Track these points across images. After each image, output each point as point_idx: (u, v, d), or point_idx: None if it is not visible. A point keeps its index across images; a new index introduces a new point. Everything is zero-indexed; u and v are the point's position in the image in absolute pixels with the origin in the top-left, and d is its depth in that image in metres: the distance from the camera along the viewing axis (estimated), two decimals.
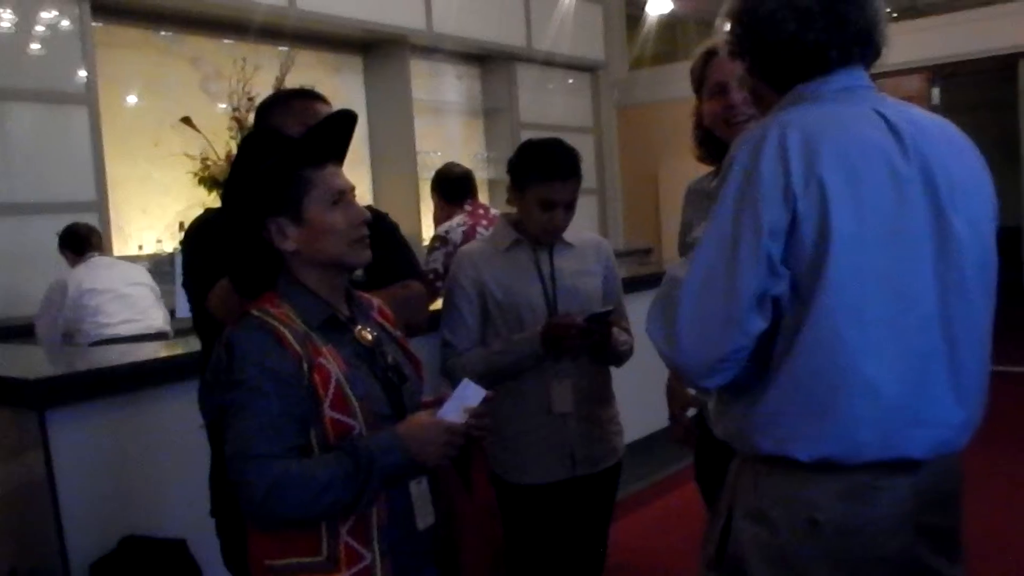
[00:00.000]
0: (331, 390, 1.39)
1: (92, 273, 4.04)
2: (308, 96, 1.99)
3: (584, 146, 8.18)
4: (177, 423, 2.28)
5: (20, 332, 3.97)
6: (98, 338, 3.86)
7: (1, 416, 2.37)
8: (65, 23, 4.52)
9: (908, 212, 1.26)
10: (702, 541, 1.54)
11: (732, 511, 1.40)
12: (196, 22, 5.40)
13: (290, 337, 1.41)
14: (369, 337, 1.52)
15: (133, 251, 5.12)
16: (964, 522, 1.42)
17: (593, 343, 2.14)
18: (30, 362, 2.87)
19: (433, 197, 3.60)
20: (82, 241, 4.11)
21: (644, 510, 3.78)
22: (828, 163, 1.23)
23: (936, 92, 7.27)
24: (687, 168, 2.24)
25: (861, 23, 1.34)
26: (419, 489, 1.51)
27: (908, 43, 7.12)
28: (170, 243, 5.13)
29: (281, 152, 1.43)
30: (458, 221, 3.40)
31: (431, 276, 3.17)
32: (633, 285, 4.40)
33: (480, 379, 2.16)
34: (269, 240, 1.46)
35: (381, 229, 1.72)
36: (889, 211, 1.25)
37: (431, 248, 3.37)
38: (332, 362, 1.42)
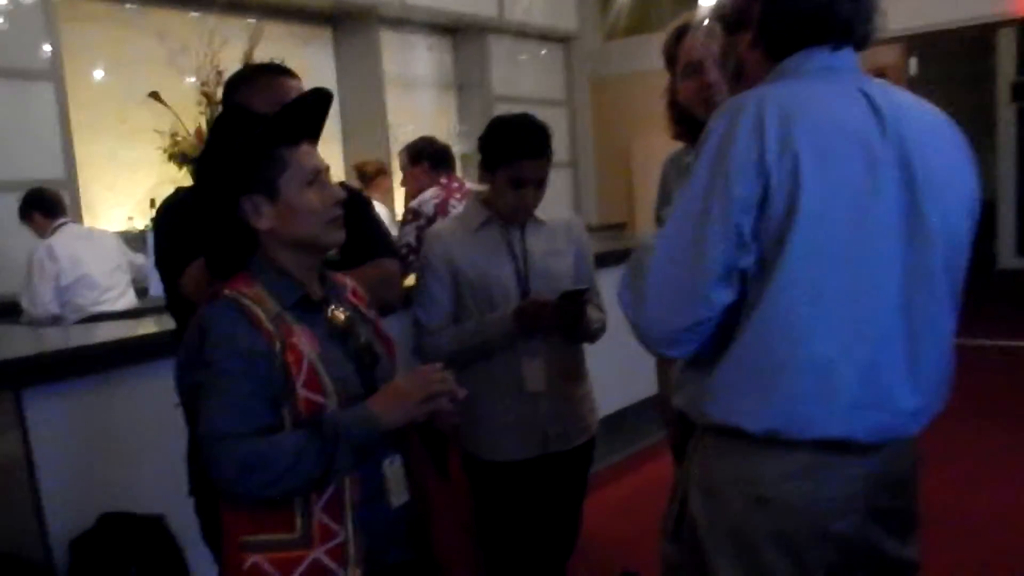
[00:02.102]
0: (304, 369, 1.41)
1: (77, 246, 3.99)
2: (274, 71, 1.96)
3: (557, 119, 8.19)
4: (153, 401, 2.28)
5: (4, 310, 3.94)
6: (94, 311, 3.83)
7: None
8: None
9: (880, 195, 1.26)
10: (664, 513, 1.56)
11: (688, 484, 1.43)
12: None
13: (263, 317, 1.41)
14: (342, 317, 1.53)
15: (102, 229, 5.05)
16: (925, 498, 1.44)
17: (566, 322, 2.14)
18: (5, 341, 2.86)
19: (412, 167, 3.59)
20: (53, 203, 4.03)
21: (617, 484, 3.82)
22: (803, 139, 1.23)
23: (913, 63, 7.28)
24: (661, 142, 2.23)
25: (871, 5, 1.35)
26: (392, 467, 1.53)
27: (885, 12, 7.10)
28: (141, 220, 5.08)
29: (255, 130, 1.43)
30: (431, 194, 3.41)
31: (404, 251, 3.18)
32: (605, 260, 4.44)
33: (452, 357, 2.18)
34: (244, 219, 1.46)
35: (354, 206, 1.72)
36: (860, 193, 1.25)
37: (404, 222, 3.37)
38: (305, 342, 1.43)
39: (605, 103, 8.52)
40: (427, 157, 3.57)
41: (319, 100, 1.52)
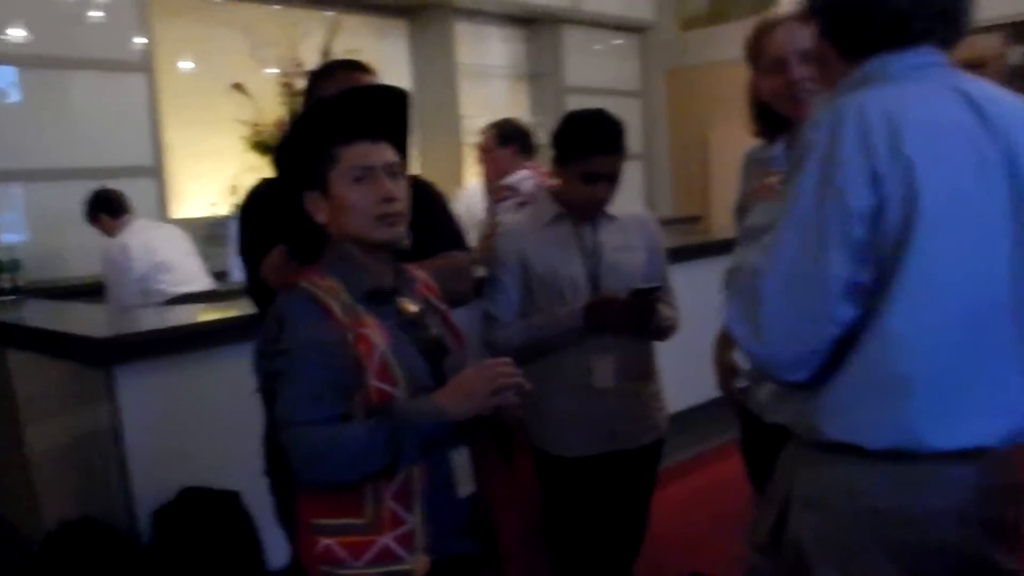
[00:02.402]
0: (375, 360, 1.45)
1: (146, 237, 4.14)
2: (349, 67, 2.03)
3: (631, 110, 8.12)
4: (234, 381, 2.37)
5: (86, 292, 4.13)
6: (177, 295, 3.96)
7: (71, 371, 2.52)
8: None
9: (990, 195, 1.22)
10: (750, 525, 1.53)
11: (789, 498, 1.39)
12: None
13: (336, 308, 1.46)
14: (413, 309, 1.57)
15: (188, 215, 5.25)
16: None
17: (636, 319, 2.13)
18: (98, 321, 3.02)
19: (500, 149, 3.56)
20: (118, 203, 4.16)
21: (685, 481, 3.80)
22: (913, 141, 1.19)
23: (1017, 52, 6.93)
24: (738, 133, 2.18)
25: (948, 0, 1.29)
26: (460, 458, 1.56)
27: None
28: (224, 207, 5.25)
29: (311, 128, 1.49)
30: (526, 174, 3.42)
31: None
32: (680, 255, 4.41)
33: (521, 351, 2.20)
34: (308, 213, 1.53)
35: (425, 199, 1.75)
36: (972, 194, 1.21)
37: (499, 198, 3.33)
38: (376, 333, 1.47)
39: (681, 94, 8.40)
40: (516, 141, 3.56)
41: (372, 97, 1.54)
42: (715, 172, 8.02)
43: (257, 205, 2.00)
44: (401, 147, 1.58)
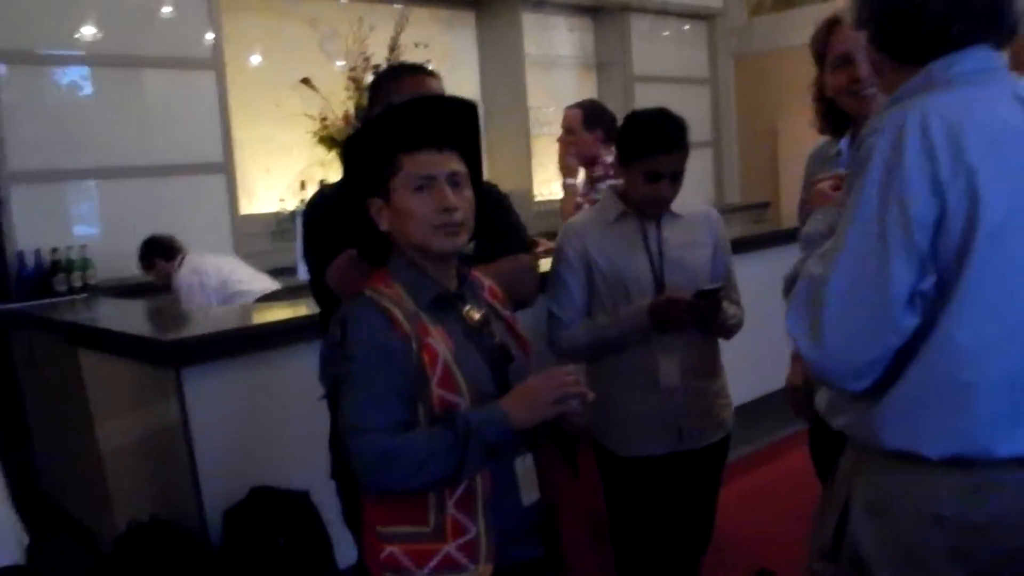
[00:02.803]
0: (439, 368, 1.45)
1: (207, 257, 4.22)
2: (417, 71, 2.06)
3: (699, 98, 8.00)
4: (301, 381, 2.38)
5: (156, 290, 4.23)
6: (255, 296, 4.01)
7: (142, 372, 2.56)
8: None
9: None
10: (812, 529, 1.52)
11: (849, 503, 1.38)
12: None
13: (400, 317, 1.46)
14: (476, 316, 1.56)
15: (257, 210, 5.31)
16: None
17: (700, 319, 2.12)
18: (167, 321, 3.06)
19: (588, 132, 3.47)
20: (169, 246, 4.21)
21: (752, 475, 3.74)
22: (976, 150, 1.19)
23: None
24: (806, 120, 2.18)
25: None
26: (524, 465, 1.55)
27: None
28: (292, 201, 5.30)
29: (378, 135, 1.50)
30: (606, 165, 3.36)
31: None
32: (746, 245, 4.32)
33: (586, 351, 2.23)
34: (373, 219, 1.53)
35: (489, 200, 1.73)
36: None
37: (598, 178, 3.26)
38: (440, 341, 1.47)
39: (749, 80, 8.24)
40: (602, 125, 3.48)
41: (438, 107, 1.55)
42: (783, 158, 7.87)
43: (320, 209, 2.02)
44: (470, 157, 1.57)
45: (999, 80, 1.29)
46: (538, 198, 6.71)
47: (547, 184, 6.99)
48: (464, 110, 1.57)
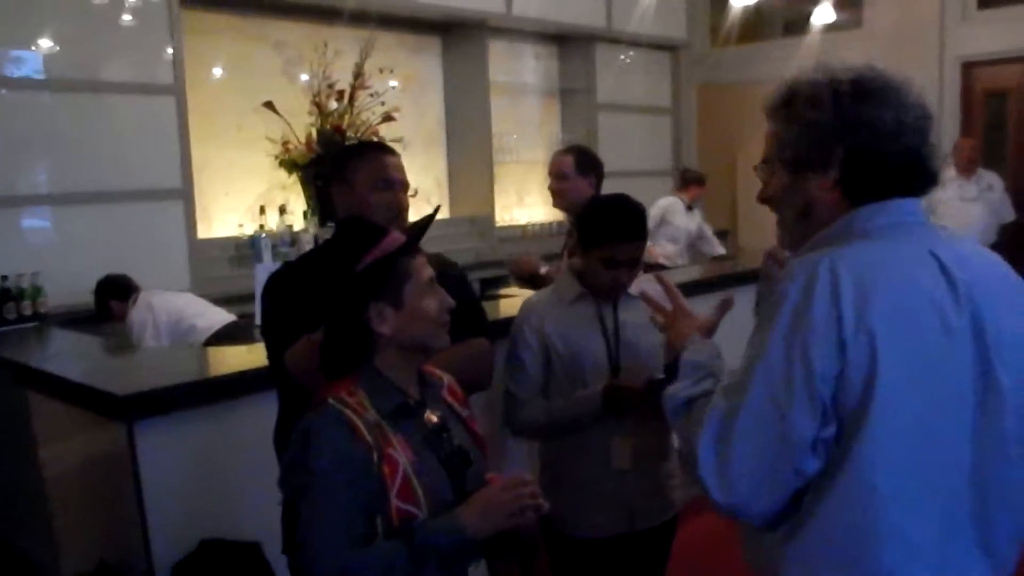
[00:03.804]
0: (398, 480, 1.46)
1: (159, 295, 4.17)
2: (377, 148, 2.12)
3: (662, 127, 8.10)
4: (254, 431, 2.38)
5: (108, 318, 4.15)
6: (209, 331, 4.01)
7: (93, 423, 2.52)
8: (154, 12, 4.62)
9: (954, 364, 1.25)
10: None
11: None
12: (280, 7, 5.48)
13: (362, 428, 1.48)
14: (435, 419, 1.59)
15: (215, 234, 5.26)
16: None
17: (653, 407, 2.14)
18: (117, 368, 3.01)
19: (581, 178, 3.42)
20: (124, 284, 4.17)
21: (706, 517, 3.76)
22: (878, 312, 1.22)
23: None
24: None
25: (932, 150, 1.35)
26: (478, 572, 1.58)
27: (1007, 31, 6.81)
28: (251, 225, 5.26)
29: (383, 246, 1.55)
30: None
31: None
32: (703, 287, 4.39)
33: (541, 432, 2.25)
34: (367, 324, 1.55)
35: (449, 280, 1.75)
36: (935, 363, 1.24)
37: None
38: (400, 452, 1.49)
39: (711, 110, 8.37)
40: (594, 172, 3.45)
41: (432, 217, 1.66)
42: (742, 187, 8.01)
43: (281, 289, 2.03)
44: None
45: (917, 235, 1.33)
46: (500, 223, 6.74)
47: (509, 210, 7.03)
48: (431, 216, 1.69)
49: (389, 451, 1.47)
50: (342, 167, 2.06)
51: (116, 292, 4.16)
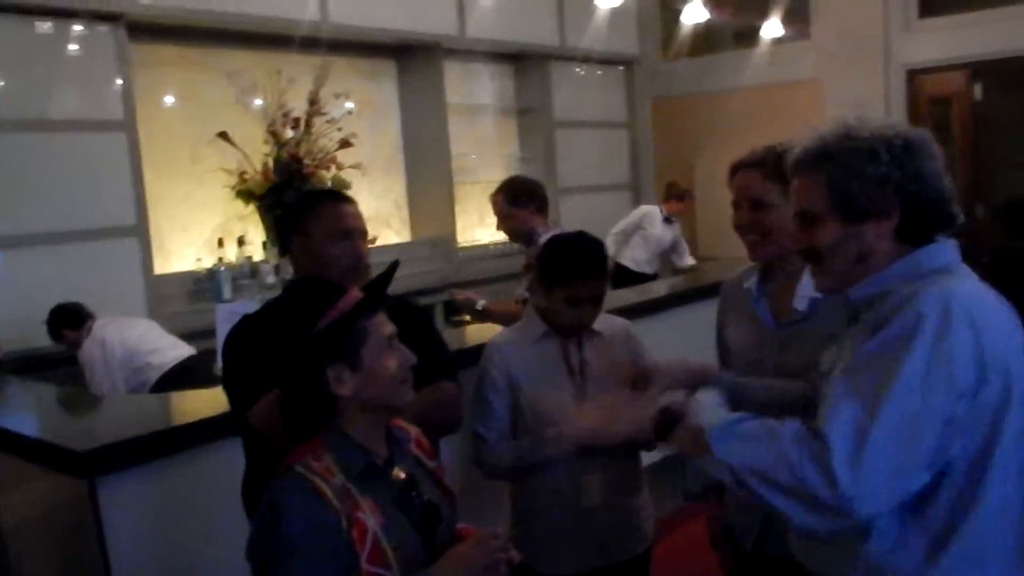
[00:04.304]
0: (368, 543, 1.45)
1: (114, 326, 4.11)
2: (332, 198, 2.10)
3: (619, 141, 8.14)
4: (221, 479, 2.33)
5: (61, 361, 4.08)
6: (164, 369, 3.95)
7: (54, 481, 2.46)
8: (100, 46, 4.54)
9: None
10: None
11: None
12: (231, 36, 5.42)
13: (330, 494, 1.46)
14: (403, 476, 1.58)
15: (173, 268, 5.18)
16: None
17: (620, 443, 2.15)
18: (82, 423, 2.93)
19: (516, 209, 3.50)
20: (77, 313, 4.11)
21: (678, 533, 3.78)
22: (999, 337, 1.38)
23: (978, 89, 7.13)
24: (721, 160, 2.23)
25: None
26: None
27: (949, 39, 6.98)
28: (209, 259, 5.19)
29: (336, 304, 1.52)
30: (545, 233, 3.37)
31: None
32: (670, 302, 4.42)
33: (510, 473, 2.25)
34: (326, 386, 1.52)
35: (413, 322, 1.73)
36: None
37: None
38: (370, 515, 1.47)
39: (667, 123, 8.46)
40: (532, 199, 3.50)
41: (391, 273, 1.64)
42: (700, 198, 8.08)
43: (242, 345, 1.99)
44: None
45: (966, 267, 1.50)
46: (462, 244, 6.72)
47: (469, 231, 7.01)
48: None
49: (358, 515, 1.45)
50: (298, 220, 2.04)
51: (68, 320, 4.09)
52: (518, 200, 3.46)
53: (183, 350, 4.20)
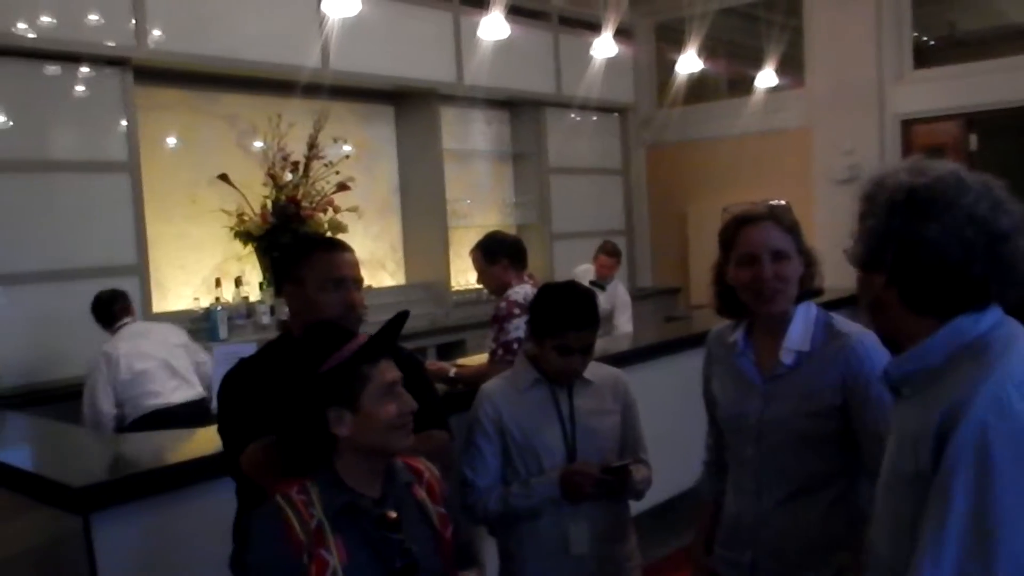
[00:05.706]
0: None
1: (134, 344, 4.13)
2: (327, 246, 2.12)
3: (613, 187, 8.26)
4: (211, 518, 2.36)
5: (62, 396, 4.10)
6: (150, 409, 3.98)
7: (47, 516, 2.49)
8: (107, 89, 4.66)
9: None
10: None
11: None
12: (233, 81, 5.54)
13: (297, 528, 1.53)
14: (392, 516, 1.61)
15: (171, 307, 5.23)
16: None
17: (609, 493, 2.20)
18: (75, 458, 2.96)
19: (491, 266, 3.58)
20: (106, 310, 4.18)
21: None
22: None
23: (973, 139, 7.24)
24: (714, 207, 2.26)
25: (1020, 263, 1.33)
26: None
27: (943, 89, 7.12)
28: (206, 299, 5.25)
29: (344, 352, 1.60)
30: (530, 289, 3.45)
31: (514, 345, 3.25)
32: (661, 350, 4.47)
33: (499, 520, 2.27)
34: (326, 426, 1.59)
35: (404, 369, 1.76)
36: None
37: (510, 315, 3.38)
38: (334, 553, 1.53)
39: (661, 170, 8.58)
40: (505, 255, 3.58)
41: (399, 321, 1.69)
42: (693, 244, 8.18)
43: (237, 389, 2.03)
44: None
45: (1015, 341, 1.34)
46: (455, 287, 6.79)
47: (464, 274, 7.08)
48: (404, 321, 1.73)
49: (321, 551, 1.51)
50: (292, 267, 2.06)
51: (98, 314, 4.17)
52: (493, 257, 3.56)
53: (188, 393, 4.21)
